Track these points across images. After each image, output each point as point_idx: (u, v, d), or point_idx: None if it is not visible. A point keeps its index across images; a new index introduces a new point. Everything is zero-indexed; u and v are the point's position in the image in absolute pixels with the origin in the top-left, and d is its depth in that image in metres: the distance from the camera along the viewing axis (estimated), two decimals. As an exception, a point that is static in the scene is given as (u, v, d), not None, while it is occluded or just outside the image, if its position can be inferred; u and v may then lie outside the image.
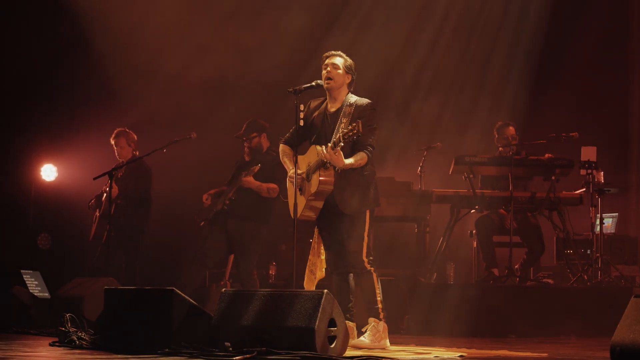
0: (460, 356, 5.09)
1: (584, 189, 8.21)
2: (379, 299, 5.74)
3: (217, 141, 8.14)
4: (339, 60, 5.82)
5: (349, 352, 5.06)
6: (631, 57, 10.56)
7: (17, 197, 10.18)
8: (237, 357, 4.46)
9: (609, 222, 9.31)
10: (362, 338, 5.69)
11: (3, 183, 10.04)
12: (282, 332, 4.71)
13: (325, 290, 4.76)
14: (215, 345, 4.80)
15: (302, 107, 5.79)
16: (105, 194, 8.10)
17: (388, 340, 5.72)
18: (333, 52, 5.87)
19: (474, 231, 8.57)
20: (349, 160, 5.60)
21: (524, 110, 9.89)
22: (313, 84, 5.81)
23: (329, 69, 5.81)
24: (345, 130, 5.47)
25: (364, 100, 5.78)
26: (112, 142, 8.33)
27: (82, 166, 9.93)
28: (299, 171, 5.76)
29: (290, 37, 9.81)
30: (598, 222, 8.10)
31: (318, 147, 5.66)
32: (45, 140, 10.32)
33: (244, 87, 10.02)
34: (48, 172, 10.36)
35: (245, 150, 7.80)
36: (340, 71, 5.80)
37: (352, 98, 5.81)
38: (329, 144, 5.55)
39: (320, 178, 5.65)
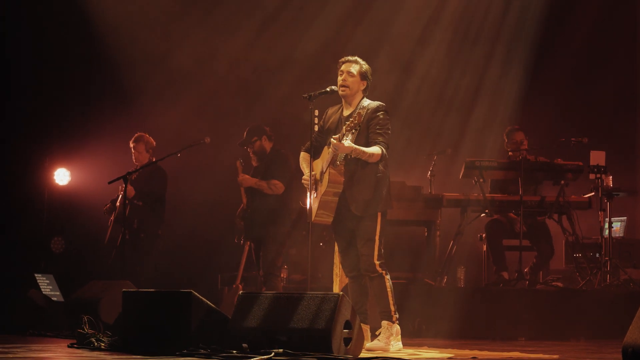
0: (473, 358, 5.15)
1: (593, 193, 8.27)
2: (391, 301, 5.75)
3: (238, 147, 8.20)
4: (355, 67, 5.81)
5: (363, 354, 5.13)
6: (640, 60, 10.62)
7: (30, 201, 10.22)
8: (254, 359, 4.53)
9: (618, 225, 9.36)
10: (375, 340, 5.75)
11: (17, 187, 10.09)
12: (298, 334, 4.78)
13: (341, 293, 4.84)
14: (233, 347, 4.87)
15: (316, 112, 5.84)
16: (120, 197, 8.15)
17: (401, 343, 5.77)
18: (349, 57, 5.86)
19: (484, 235, 8.63)
20: (357, 145, 5.57)
21: (532, 115, 9.94)
22: (327, 89, 5.84)
23: (344, 76, 5.82)
24: (347, 122, 5.52)
25: (376, 103, 5.81)
26: (131, 145, 8.36)
27: (94, 170, 9.99)
28: (312, 174, 5.83)
29: (310, 45, 9.90)
30: (607, 225, 8.15)
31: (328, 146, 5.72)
32: (58, 144, 10.37)
33: (264, 93, 10.09)
34: (61, 176, 10.41)
35: (251, 157, 7.89)
36: (355, 78, 5.81)
37: (366, 102, 5.84)
38: (334, 138, 5.54)
39: (330, 176, 5.68)
